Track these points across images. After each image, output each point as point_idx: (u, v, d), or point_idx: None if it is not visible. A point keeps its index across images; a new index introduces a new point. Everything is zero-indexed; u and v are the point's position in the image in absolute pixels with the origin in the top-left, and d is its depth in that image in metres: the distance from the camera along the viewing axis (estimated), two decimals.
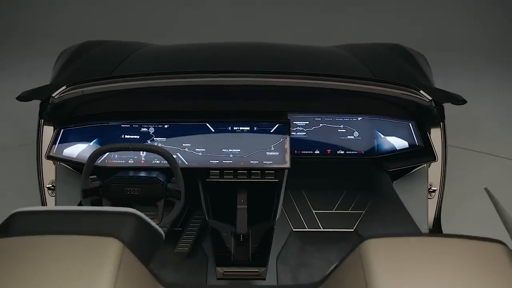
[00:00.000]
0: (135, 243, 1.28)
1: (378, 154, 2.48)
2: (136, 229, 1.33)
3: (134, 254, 1.16)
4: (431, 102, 2.34)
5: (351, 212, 2.97)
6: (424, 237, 1.18)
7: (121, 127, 2.43)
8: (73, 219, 1.31)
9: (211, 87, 2.40)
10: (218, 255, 2.26)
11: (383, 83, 2.34)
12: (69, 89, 2.33)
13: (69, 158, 2.39)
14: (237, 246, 2.29)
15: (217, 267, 2.23)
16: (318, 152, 2.48)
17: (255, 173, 2.39)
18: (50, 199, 2.53)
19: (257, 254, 2.28)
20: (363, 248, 1.16)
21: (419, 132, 2.45)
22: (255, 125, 2.42)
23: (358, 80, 2.36)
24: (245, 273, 2.24)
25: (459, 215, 3.37)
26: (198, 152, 2.38)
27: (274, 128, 2.41)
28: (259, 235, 2.32)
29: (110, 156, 2.38)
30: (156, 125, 2.42)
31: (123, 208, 1.38)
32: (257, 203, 2.35)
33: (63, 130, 2.40)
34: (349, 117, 2.50)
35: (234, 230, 2.30)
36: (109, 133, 2.41)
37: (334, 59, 3.08)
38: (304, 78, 2.35)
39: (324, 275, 2.61)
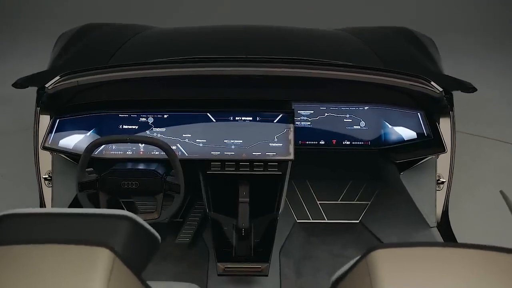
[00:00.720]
0: (128, 251, 1.21)
1: (385, 145, 2.39)
2: (131, 235, 1.26)
3: (127, 264, 1.09)
4: (441, 93, 2.26)
5: (357, 203, 2.90)
6: (436, 248, 1.10)
7: (119, 117, 2.34)
8: (63, 224, 1.23)
9: (212, 76, 2.31)
10: (219, 250, 2.20)
11: (392, 74, 2.25)
12: (63, 79, 2.24)
13: (65, 149, 2.32)
14: (239, 241, 2.22)
15: (218, 263, 2.16)
16: (323, 143, 2.39)
17: (258, 165, 2.30)
18: (47, 190, 2.47)
19: (259, 249, 2.21)
20: (371, 258, 1.08)
21: (428, 122, 2.37)
22: (258, 115, 2.33)
23: (366, 70, 2.27)
24: (247, 269, 2.17)
25: (466, 203, 3.30)
26: (199, 143, 2.30)
27: (278, 118, 2.33)
28: (261, 230, 2.25)
29: (107, 147, 2.30)
30: (155, 115, 2.34)
31: (117, 211, 1.30)
32: (259, 196, 2.27)
33: (58, 120, 2.33)
34: (356, 106, 2.41)
35: (235, 224, 2.22)
36: (107, 123, 2.33)
37: (340, 43, 2.99)
38: (310, 68, 2.26)
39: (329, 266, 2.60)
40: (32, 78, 2.38)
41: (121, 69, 2.23)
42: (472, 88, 2.30)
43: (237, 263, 2.17)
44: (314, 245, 2.72)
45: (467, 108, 2.51)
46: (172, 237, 2.74)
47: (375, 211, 2.84)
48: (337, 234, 2.79)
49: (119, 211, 1.29)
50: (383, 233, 2.73)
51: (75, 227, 1.23)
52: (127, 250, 1.22)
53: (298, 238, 2.76)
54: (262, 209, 2.27)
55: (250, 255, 2.19)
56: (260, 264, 2.17)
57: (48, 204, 2.46)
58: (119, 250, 1.19)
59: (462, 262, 1.07)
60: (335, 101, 2.41)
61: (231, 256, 2.19)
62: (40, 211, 1.26)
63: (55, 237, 1.17)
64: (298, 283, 2.49)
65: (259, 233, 2.25)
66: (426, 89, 2.24)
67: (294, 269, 2.56)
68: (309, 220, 2.87)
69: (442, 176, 2.46)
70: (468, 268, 1.06)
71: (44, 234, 1.19)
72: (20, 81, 2.34)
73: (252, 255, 2.19)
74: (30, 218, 1.24)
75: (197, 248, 2.69)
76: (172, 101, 2.38)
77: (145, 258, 1.35)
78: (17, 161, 3.53)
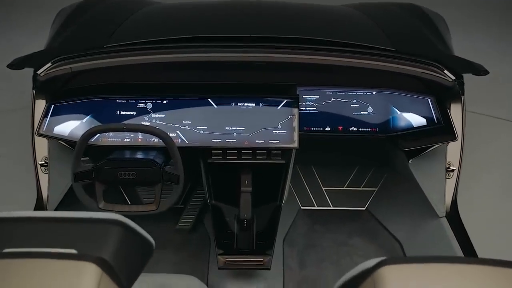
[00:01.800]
0: (119, 260, 1.13)
1: (394, 132, 2.29)
2: (122, 242, 1.17)
3: (116, 280, 1.01)
4: (454, 81, 2.15)
5: (363, 189, 2.83)
6: (450, 265, 1.01)
7: (116, 102, 2.25)
8: (47, 231, 1.15)
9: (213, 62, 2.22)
10: (220, 242, 2.13)
11: (403, 61, 2.15)
12: (55, 66, 2.15)
13: (60, 136, 2.23)
14: (240, 232, 2.15)
15: (219, 256, 2.10)
16: (328, 129, 2.29)
17: (261, 153, 2.21)
18: (43, 176, 2.40)
19: (261, 242, 2.14)
20: (379, 276, 1.00)
21: (439, 109, 2.27)
22: (261, 101, 2.23)
23: (376, 57, 2.17)
24: (249, 263, 2.10)
25: (475, 187, 3.21)
26: (199, 130, 2.20)
27: (282, 104, 2.23)
28: (264, 221, 2.18)
29: (104, 134, 2.22)
30: (154, 100, 2.24)
31: (107, 214, 1.21)
32: (262, 185, 2.19)
33: (53, 106, 2.24)
34: (363, 91, 2.30)
35: (237, 214, 2.15)
36: (104, 109, 2.24)
37: (347, 21, 2.86)
38: (316, 54, 2.16)
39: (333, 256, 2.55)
40: (28, 59, 2.28)
41: (116, 55, 2.14)
42: (484, 71, 2.19)
43: (238, 256, 2.11)
44: (318, 233, 2.65)
45: (477, 85, 2.39)
46: (172, 223, 2.68)
47: (382, 198, 2.76)
48: (342, 221, 2.72)
49: (109, 215, 1.21)
50: (390, 221, 2.67)
51: (61, 234, 1.14)
52: (118, 259, 1.14)
53: (302, 226, 2.70)
54: (265, 199, 2.20)
55: (252, 247, 2.13)
56: (262, 257, 2.10)
57: (45, 190, 2.40)
58: (109, 259, 1.11)
59: (479, 281, 0.98)
60: (342, 85, 2.30)
61: (232, 248, 2.13)
62: (21, 215, 1.17)
63: (38, 246, 1.10)
64: (301, 274, 2.43)
65: (262, 224, 2.18)
66: (438, 78, 2.14)
67: (298, 259, 2.50)
68: (314, 207, 2.80)
69: (452, 164, 2.37)
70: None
71: (25, 243, 1.10)
72: (16, 61, 2.23)
73: (254, 247, 2.13)
74: (9, 224, 1.15)
75: (198, 234, 2.63)
76: (172, 85, 2.28)
77: (138, 266, 1.26)
78: (16, 140, 3.46)
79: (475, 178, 3.23)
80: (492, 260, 1.00)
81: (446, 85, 2.15)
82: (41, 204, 2.39)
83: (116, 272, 1.12)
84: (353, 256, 2.54)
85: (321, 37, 2.26)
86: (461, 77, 2.23)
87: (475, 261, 1.01)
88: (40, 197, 2.40)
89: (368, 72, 2.22)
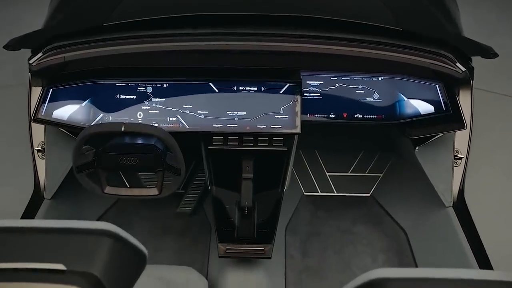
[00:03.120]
0: (109, 274, 1.08)
1: (400, 119, 2.21)
2: (112, 255, 1.11)
3: None
4: (464, 73, 2.07)
5: (368, 175, 2.77)
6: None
7: (116, 86, 2.19)
8: (33, 243, 1.09)
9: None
10: (221, 230, 2.09)
11: (412, 50, 2.07)
12: (47, 56, 2.08)
13: (59, 121, 2.17)
14: (241, 220, 2.11)
15: (219, 244, 2.06)
16: (333, 116, 2.22)
17: (262, 140, 2.16)
18: (41, 162, 2.36)
19: (262, 230, 2.09)
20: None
21: (447, 96, 2.19)
22: (263, 85, 2.18)
23: (382, 46, 2.08)
24: (249, 251, 2.06)
25: (484, 168, 3.14)
26: (200, 114, 2.15)
27: (284, 89, 2.17)
28: (265, 209, 2.13)
29: (104, 118, 2.17)
30: (154, 84, 2.18)
31: (97, 224, 1.15)
32: (264, 172, 2.15)
33: (52, 90, 2.18)
34: (369, 76, 2.22)
35: (238, 201, 2.11)
36: (103, 93, 2.18)
37: None
38: (320, 43, 2.07)
39: (336, 244, 2.51)
40: (24, 39, 2.20)
41: (112, 43, 2.06)
42: (493, 54, 2.10)
43: (238, 245, 2.07)
44: (321, 220, 2.61)
45: (485, 61, 2.30)
46: (172, 210, 2.65)
47: (388, 185, 2.71)
48: (346, 208, 2.67)
49: (100, 224, 1.15)
50: (395, 208, 2.61)
51: (48, 247, 1.09)
52: (109, 273, 1.08)
53: (305, 213, 2.65)
54: (266, 186, 2.16)
55: (252, 236, 2.09)
56: (263, 246, 2.06)
57: (42, 176, 2.36)
58: (99, 274, 1.06)
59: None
60: (347, 70, 2.23)
61: (233, 237, 2.09)
62: (5, 225, 1.11)
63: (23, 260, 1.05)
64: (303, 264, 2.39)
65: (263, 212, 2.13)
66: (448, 69, 2.06)
67: (300, 248, 2.46)
68: (317, 193, 2.75)
69: (460, 152, 2.31)
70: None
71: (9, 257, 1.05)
72: (12, 43, 2.14)
73: (255, 236, 2.09)
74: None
75: (198, 221, 2.59)
76: (172, 69, 2.22)
77: (130, 279, 1.21)
78: (17, 118, 3.40)
79: (483, 160, 3.16)
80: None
81: (456, 76, 2.07)
82: (38, 191, 2.35)
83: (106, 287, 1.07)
84: (357, 245, 2.50)
85: (325, 16, 2.18)
86: (469, 62, 2.15)
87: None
88: (37, 184, 2.37)
89: (375, 59, 2.14)
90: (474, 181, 2.49)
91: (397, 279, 1.02)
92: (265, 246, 2.06)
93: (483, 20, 4.06)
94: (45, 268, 1.03)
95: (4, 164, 3.14)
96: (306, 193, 2.74)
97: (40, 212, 2.26)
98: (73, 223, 1.14)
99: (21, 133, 3.10)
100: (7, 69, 3.87)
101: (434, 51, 2.06)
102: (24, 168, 2.52)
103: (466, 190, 2.36)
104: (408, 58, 2.05)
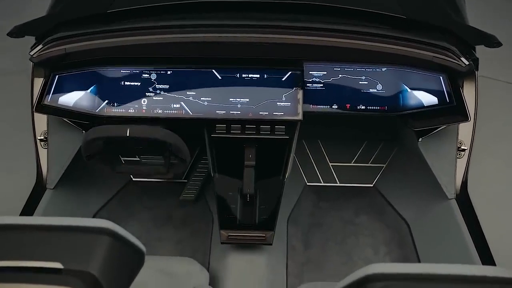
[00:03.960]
0: (106, 274, 1.08)
1: (403, 110, 2.20)
2: (110, 254, 1.11)
3: None
4: (467, 66, 2.05)
5: (371, 165, 2.76)
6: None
7: (120, 72, 2.21)
8: (30, 240, 1.09)
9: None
10: (223, 217, 2.13)
11: (415, 43, 2.06)
12: (47, 48, 2.08)
13: (64, 107, 2.19)
14: (243, 207, 2.15)
15: (222, 230, 2.10)
16: (336, 107, 2.22)
17: (264, 128, 2.20)
18: (43, 151, 2.37)
19: (264, 217, 2.13)
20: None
21: (451, 87, 2.17)
22: (266, 73, 2.20)
23: (386, 39, 2.07)
24: (251, 238, 2.10)
25: (487, 159, 3.12)
26: (204, 101, 2.18)
27: (286, 76, 2.19)
28: (267, 196, 2.16)
29: (109, 104, 2.20)
30: (158, 71, 2.20)
31: (95, 222, 1.15)
32: (266, 160, 2.19)
33: (57, 77, 2.19)
34: (373, 67, 2.21)
35: (240, 188, 2.15)
36: (107, 79, 2.20)
37: None
38: (323, 35, 2.07)
39: (338, 235, 2.50)
40: (28, 26, 2.20)
41: (113, 35, 2.06)
42: (496, 43, 2.08)
43: (240, 231, 2.11)
44: (324, 211, 2.60)
45: (492, 49, 2.27)
46: (174, 200, 2.65)
47: (391, 176, 2.69)
48: (349, 198, 2.67)
49: (98, 221, 1.15)
50: (398, 199, 2.61)
51: (46, 244, 1.09)
52: (106, 272, 1.08)
53: (307, 203, 2.65)
54: (268, 174, 2.19)
55: (254, 222, 2.13)
56: (265, 233, 2.09)
57: (44, 166, 2.37)
58: (96, 273, 1.06)
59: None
60: (351, 61, 2.22)
61: (235, 223, 2.13)
62: (3, 222, 1.11)
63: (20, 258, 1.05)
64: (305, 255, 2.39)
65: (264, 199, 2.16)
66: (451, 62, 2.04)
67: (302, 239, 2.46)
68: (320, 183, 2.74)
69: (463, 143, 2.30)
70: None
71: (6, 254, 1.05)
72: (16, 29, 2.15)
73: (257, 222, 2.12)
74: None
75: (200, 211, 2.60)
76: (176, 56, 2.24)
77: (128, 277, 1.21)
78: (22, 104, 3.39)
79: (486, 150, 3.13)
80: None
81: (459, 70, 2.06)
82: (40, 180, 2.36)
83: (104, 287, 1.07)
84: (359, 236, 2.49)
85: (329, 4, 2.17)
86: (473, 53, 2.14)
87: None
88: (40, 173, 2.38)
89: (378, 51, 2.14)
90: (477, 171, 2.48)
91: (392, 275, 1.03)
92: (266, 233, 2.09)
93: (490, 7, 4.01)
94: (42, 266, 1.02)
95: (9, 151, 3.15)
96: (309, 183, 2.74)
97: (42, 202, 2.27)
98: (71, 220, 1.14)
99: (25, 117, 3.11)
100: (11, 56, 3.86)
101: (437, 44, 2.04)
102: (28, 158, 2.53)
103: (469, 181, 2.35)
104: (411, 51, 2.04)
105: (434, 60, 2.03)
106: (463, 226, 2.17)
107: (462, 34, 2.12)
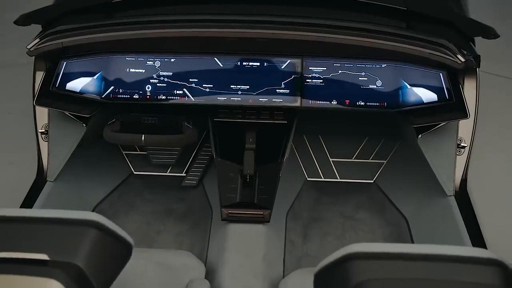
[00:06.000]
0: (92, 266, 1.08)
1: (403, 107, 2.21)
2: (96, 246, 1.11)
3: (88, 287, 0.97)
4: (463, 64, 2.05)
5: (372, 161, 2.76)
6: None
7: (126, 59, 2.28)
8: (16, 232, 1.10)
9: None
10: (224, 196, 2.19)
11: (412, 40, 2.07)
12: (45, 41, 2.12)
13: (72, 91, 2.26)
14: (243, 187, 2.23)
15: (222, 208, 2.15)
16: (335, 103, 2.23)
17: (264, 113, 2.31)
18: (44, 144, 2.40)
19: (262, 196, 2.19)
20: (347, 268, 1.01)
21: (451, 84, 2.17)
22: (266, 61, 2.28)
23: (383, 36, 2.09)
24: (250, 215, 2.16)
25: (489, 155, 3.11)
26: (206, 88, 2.27)
27: (285, 65, 2.26)
28: (265, 177, 2.23)
29: (115, 90, 2.28)
30: (162, 58, 2.28)
31: (82, 214, 1.16)
32: (265, 144, 2.29)
33: (65, 63, 2.26)
34: (372, 63, 2.22)
35: (241, 169, 2.23)
36: (113, 66, 2.27)
37: None
38: (323, 32, 2.11)
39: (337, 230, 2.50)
40: (33, 15, 2.26)
41: (111, 29, 2.11)
42: (494, 34, 2.10)
43: (240, 209, 2.17)
44: (324, 206, 2.61)
45: (492, 42, 2.25)
46: (175, 191, 2.67)
47: (391, 172, 2.69)
48: (349, 194, 2.67)
49: (84, 214, 1.16)
50: (397, 196, 2.61)
51: (31, 236, 1.09)
52: (92, 264, 1.09)
53: (308, 198, 2.65)
54: (268, 157, 2.27)
55: (253, 201, 2.19)
56: (263, 211, 2.14)
57: (45, 159, 2.40)
58: (82, 265, 1.07)
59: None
60: (350, 57, 2.24)
61: (235, 201, 2.19)
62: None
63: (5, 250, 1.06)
64: (303, 250, 2.40)
65: (263, 180, 2.23)
66: (447, 59, 2.05)
67: (301, 233, 2.47)
68: (321, 179, 2.75)
69: (463, 140, 2.30)
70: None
71: None
72: (22, 18, 2.22)
73: (256, 201, 2.19)
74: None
75: (199, 204, 2.62)
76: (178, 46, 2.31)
77: (114, 270, 1.21)
78: (26, 96, 3.40)
79: (487, 147, 3.12)
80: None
81: (455, 67, 2.06)
82: (41, 173, 2.38)
83: (89, 278, 1.07)
84: (358, 232, 2.50)
85: None
86: (474, 50, 2.14)
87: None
88: (41, 166, 2.40)
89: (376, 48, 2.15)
90: (478, 167, 2.47)
91: (372, 254, 1.07)
92: (264, 211, 2.14)
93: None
94: (27, 258, 1.03)
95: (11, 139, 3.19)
96: (309, 178, 2.74)
97: (43, 194, 2.29)
98: (58, 212, 1.15)
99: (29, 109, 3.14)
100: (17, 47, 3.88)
101: (434, 41, 2.05)
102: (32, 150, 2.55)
103: (471, 177, 2.35)
104: (408, 48, 2.06)
105: (431, 57, 2.05)
106: (461, 224, 2.16)
107: (461, 25, 2.15)
